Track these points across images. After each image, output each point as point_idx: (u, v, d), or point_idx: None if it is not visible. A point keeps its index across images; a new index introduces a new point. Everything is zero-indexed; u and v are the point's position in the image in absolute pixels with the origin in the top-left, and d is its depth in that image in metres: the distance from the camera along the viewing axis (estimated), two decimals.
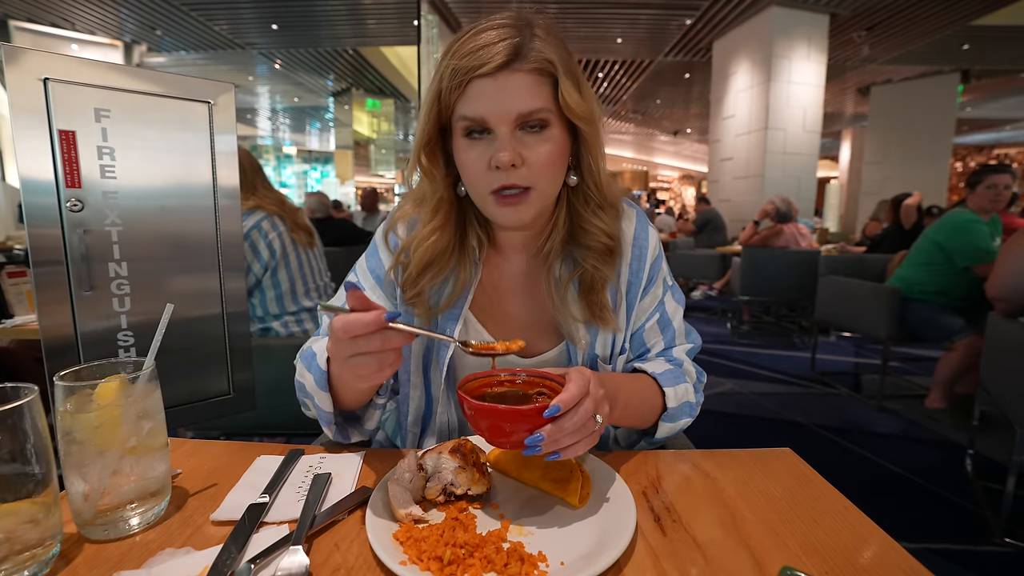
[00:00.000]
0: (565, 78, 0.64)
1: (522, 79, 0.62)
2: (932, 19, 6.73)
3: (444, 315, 0.75)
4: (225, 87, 0.71)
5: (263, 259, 1.75)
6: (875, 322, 2.87)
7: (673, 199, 21.93)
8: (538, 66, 0.62)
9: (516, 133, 0.63)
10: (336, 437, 0.71)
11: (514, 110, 0.62)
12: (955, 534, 1.73)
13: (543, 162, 0.64)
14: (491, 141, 0.64)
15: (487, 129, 0.63)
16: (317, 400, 0.66)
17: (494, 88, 0.62)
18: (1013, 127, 13.66)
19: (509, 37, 0.62)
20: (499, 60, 0.60)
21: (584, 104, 0.65)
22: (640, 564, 0.47)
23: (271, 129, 15.88)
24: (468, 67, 0.61)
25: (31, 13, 6.65)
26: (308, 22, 7.53)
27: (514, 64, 0.61)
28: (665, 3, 6.43)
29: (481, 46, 0.61)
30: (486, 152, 0.64)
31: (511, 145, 0.62)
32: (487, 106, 0.62)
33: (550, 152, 0.64)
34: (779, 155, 6.48)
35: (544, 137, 0.64)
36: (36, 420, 0.46)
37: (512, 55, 0.61)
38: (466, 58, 0.61)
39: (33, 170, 0.58)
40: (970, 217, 2.65)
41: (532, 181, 0.64)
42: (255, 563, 0.46)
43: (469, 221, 0.75)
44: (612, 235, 0.73)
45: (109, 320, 0.65)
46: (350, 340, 0.52)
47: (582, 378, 0.55)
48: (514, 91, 0.62)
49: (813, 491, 0.60)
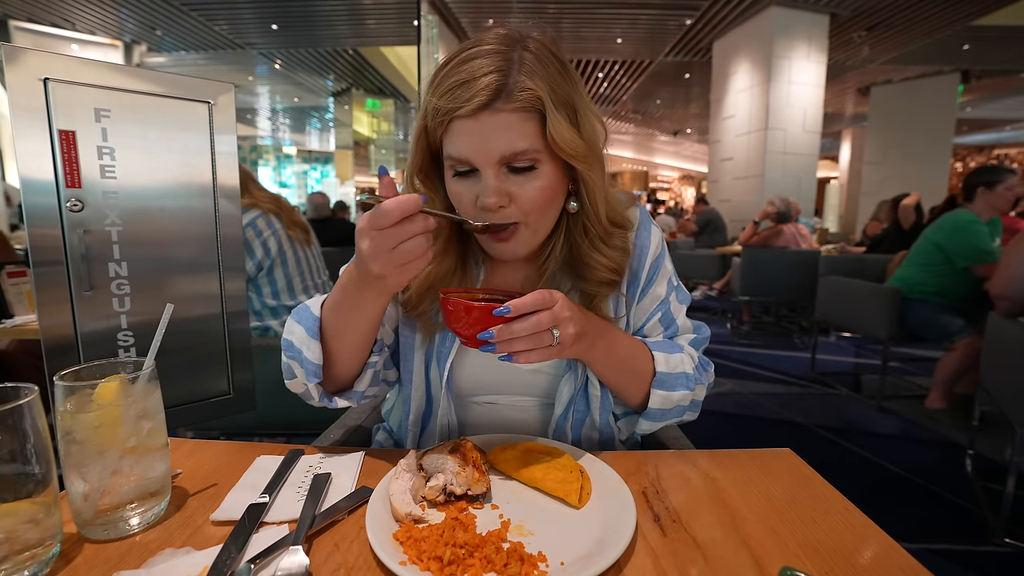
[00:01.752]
0: (556, 112, 0.59)
1: (505, 119, 0.58)
2: (932, 19, 6.73)
3: (443, 331, 0.75)
4: (225, 87, 0.71)
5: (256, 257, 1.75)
6: (875, 322, 2.87)
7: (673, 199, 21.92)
8: (522, 104, 0.58)
9: (502, 172, 0.61)
10: (321, 400, 0.69)
11: (496, 152, 0.59)
12: (955, 534, 1.73)
13: (532, 200, 0.62)
14: (478, 179, 0.62)
15: (473, 168, 0.61)
16: (305, 352, 0.65)
17: (476, 129, 0.59)
18: (1013, 127, 13.66)
19: (493, 70, 0.58)
20: (479, 100, 0.57)
21: (576, 140, 0.61)
22: (640, 564, 0.47)
23: (271, 129, 15.88)
24: (447, 108, 0.59)
25: (31, 13, 6.65)
26: (308, 22, 7.53)
27: (496, 104, 0.58)
28: (665, 3, 6.43)
29: (462, 82, 0.58)
30: (473, 189, 0.62)
31: (495, 187, 0.60)
32: (469, 147, 0.60)
33: (540, 190, 0.62)
34: (779, 155, 6.48)
35: (533, 176, 0.61)
36: (36, 420, 0.46)
37: (493, 94, 0.57)
38: (445, 97, 0.58)
39: (33, 170, 0.58)
40: (970, 218, 2.65)
41: (521, 218, 0.63)
42: (255, 563, 0.46)
43: (469, 245, 0.75)
44: (615, 269, 0.70)
45: (109, 320, 0.65)
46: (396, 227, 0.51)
47: (544, 292, 0.57)
48: (496, 132, 0.58)
49: (813, 491, 0.60)
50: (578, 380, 0.74)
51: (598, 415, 0.77)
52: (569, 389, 0.75)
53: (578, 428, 0.77)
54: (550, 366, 0.76)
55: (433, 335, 0.76)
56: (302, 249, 1.87)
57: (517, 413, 0.79)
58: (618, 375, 0.71)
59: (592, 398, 0.76)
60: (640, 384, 0.72)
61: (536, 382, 0.77)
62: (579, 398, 0.76)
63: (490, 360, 0.75)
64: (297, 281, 1.84)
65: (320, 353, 0.65)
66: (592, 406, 0.77)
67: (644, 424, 0.74)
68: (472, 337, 0.57)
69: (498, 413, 0.79)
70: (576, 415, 0.76)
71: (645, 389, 0.72)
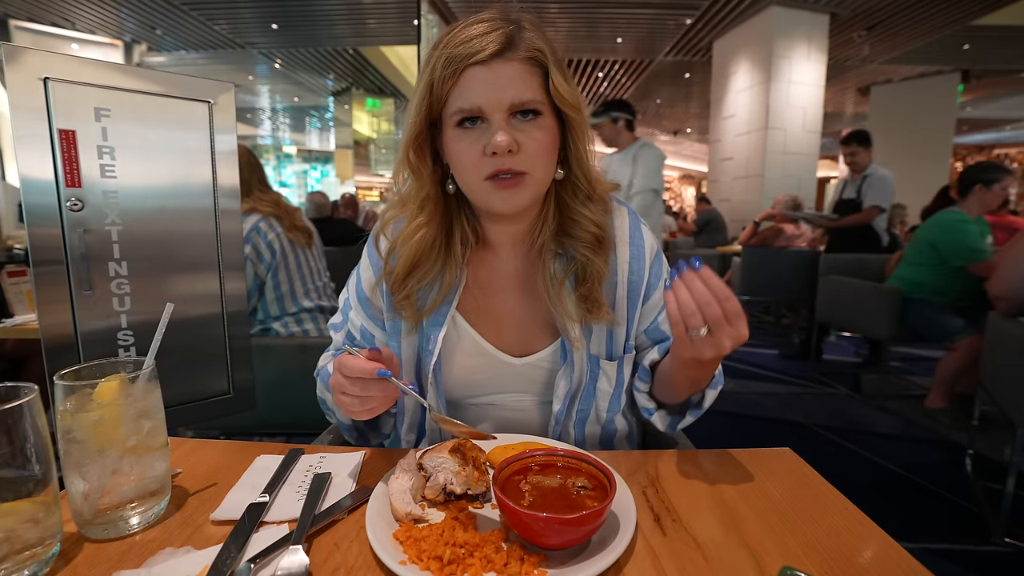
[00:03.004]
0: (555, 68, 0.66)
1: (515, 68, 0.64)
2: (932, 19, 6.72)
3: (430, 319, 0.75)
4: (225, 87, 0.71)
5: (266, 260, 1.75)
6: (875, 322, 2.87)
7: (673, 199, 21.91)
8: (530, 55, 0.64)
9: (510, 120, 0.64)
10: (356, 443, 0.80)
11: (508, 98, 0.63)
12: (955, 534, 1.73)
13: (538, 148, 0.65)
14: (484, 129, 0.64)
15: (481, 118, 0.64)
16: (337, 415, 0.77)
17: (489, 76, 0.63)
18: (1013, 127, 13.64)
19: (501, 28, 0.63)
20: (493, 48, 0.62)
21: (573, 92, 0.67)
22: (640, 564, 0.47)
23: (271, 129, 15.88)
24: (462, 55, 0.62)
25: (31, 13, 6.64)
26: (308, 22, 7.52)
27: (507, 53, 0.63)
28: (665, 3, 6.42)
29: (474, 36, 0.63)
30: (480, 140, 0.64)
31: (507, 131, 0.63)
32: (482, 94, 0.63)
33: (544, 139, 0.66)
34: (779, 155, 6.47)
35: (537, 124, 0.65)
36: (36, 420, 0.46)
37: (505, 44, 0.63)
38: (460, 47, 0.63)
39: (33, 169, 0.58)
40: (959, 217, 2.67)
41: (528, 167, 0.65)
42: (255, 563, 0.46)
43: (456, 218, 0.75)
44: (601, 225, 0.73)
45: (109, 320, 0.65)
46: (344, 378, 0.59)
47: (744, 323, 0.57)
48: (508, 79, 0.63)
49: (813, 491, 0.60)
50: (575, 374, 0.74)
51: (604, 412, 0.77)
52: (566, 383, 0.74)
53: (581, 426, 0.77)
54: (545, 360, 0.76)
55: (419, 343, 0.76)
56: (303, 252, 1.86)
57: (516, 414, 0.78)
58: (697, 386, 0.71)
59: (600, 394, 0.76)
60: (703, 386, 0.72)
61: (531, 377, 0.77)
62: (582, 394, 0.76)
63: (475, 358, 0.76)
64: (299, 285, 1.83)
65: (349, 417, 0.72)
66: (600, 403, 0.77)
67: (689, 419, 0.74)
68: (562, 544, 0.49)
69: (496, 415, 0.79)
70: (579, 413, 0.76)
71: (703, 388, 0.73)
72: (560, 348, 0.75)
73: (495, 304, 0.77)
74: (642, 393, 0.76)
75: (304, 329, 1.82)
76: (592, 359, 0.75)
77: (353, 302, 0.81)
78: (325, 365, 0.81)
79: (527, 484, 0.55)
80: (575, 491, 0.54)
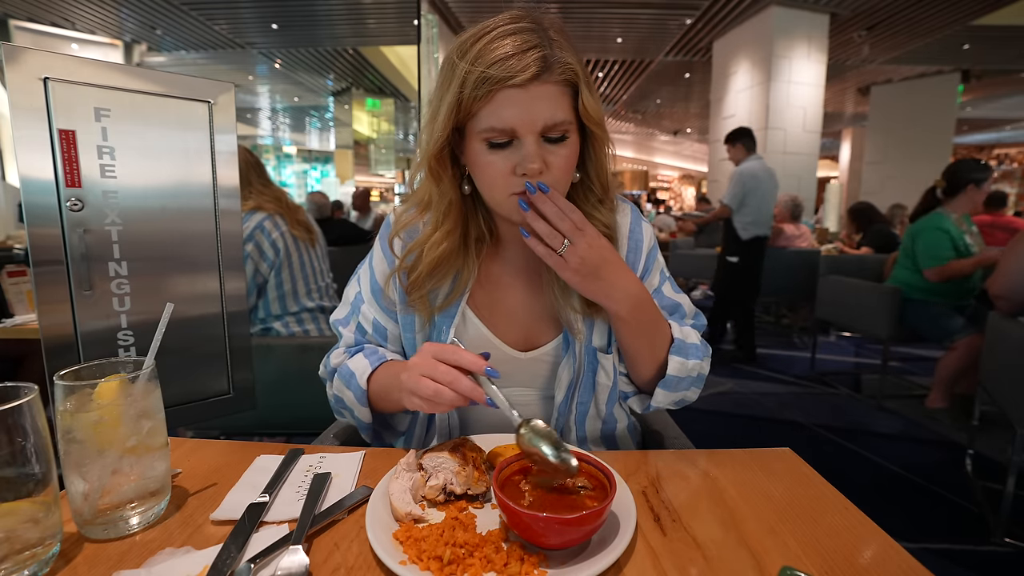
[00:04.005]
0: (584, 86, 0.65)
1: (549, 90, 0.63)
2: (932, 19, 6.72)
3: (441, 314, 0.76)
4: (225, 87, 0.71)
5: (269, 258, 1.74)
6: (875, 322, 2.87)
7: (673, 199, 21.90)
8: (564, 77, 0.63)
9: (539, 141, 0.64)
10: (372, 442, 0.82)
11: (541, 121, 0.62)
12: (955, 534, 1.74)
13: (564, 166, 0.66)
14: (515, 148, 0.64)
15: (512, 138, 0.64)
16: (357, 413, 0.76)
17: (525, 99, 0.62)
18: (1013, 127, 13.65)
19: (536, 46, 0.61)
20: (532, 72, 0.60)
21: (599, 108, 0.67)
22: (640, 564, 0.47)
23: (271, 129, 15.87)
24: (499, 77, 0.60)
25: (31, 12, 6.64)
26: (308, 22, 7.52)
27: (544, 75, 0.62)
28: (665, 3, 6.42)
29: (510, 55, 0.60)
30: (510, 158, 0.64)
31: (538, 154, 0.63)
32: (516, 117, 0.62)
33: (568, 157, 0.67)
34: (779, 155, 6.47)
35: (564, 145, 0.66)
36: (36, 419, 0.46)
37: (543, 67, 0.61)
38: (494, 67, 0.60)
39: (33, 169, 0.58)
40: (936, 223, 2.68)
41: (553, 184, 0.66)
42: (255, 563, 0.46)
43: (472, 217, 0.76)
44: (609, 225, 0.74)
45: (109, 320, 0.65)
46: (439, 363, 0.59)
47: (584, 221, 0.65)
48: (542, 102, 0.62)
49: (813, 491, 0.60)
50: (577, 365, 0.75)
51: (604, 405, 0.78)
52: (568, 374, 0.75)
53: (582, 420, 0.78)
54: (549, 353, 0.77)
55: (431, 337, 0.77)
56: (307, 250, 1.84)
57: (519, 408, 0.78)
58: (642, 338, 0.72)
59: (600, 387, 0.77)
60: (659, 350, 0.73)
61: (535, 371, 0.78)
62: (583, 388, 0.76)
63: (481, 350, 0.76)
64: (301, 284, 1.82)
65: (370, 415, 0.76)
66: (599, 396, 0.78)
67: (659, 395, 0.74)
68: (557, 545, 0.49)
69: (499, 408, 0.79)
70: (580, 407, 0.77)
71: (663, 356, 0.73)
72: (563, 342, 0.76)
73: (504, 298, 0.78)
74: (621, 376, 0.79)
75: (305, 329, 1.81)
76: (591, 351, 0.76)
77: (366, 296, 0.82)
78: (343, 363, 0.79)
79: (527, 484, 0.55)
80: (575, 491, 0.54)
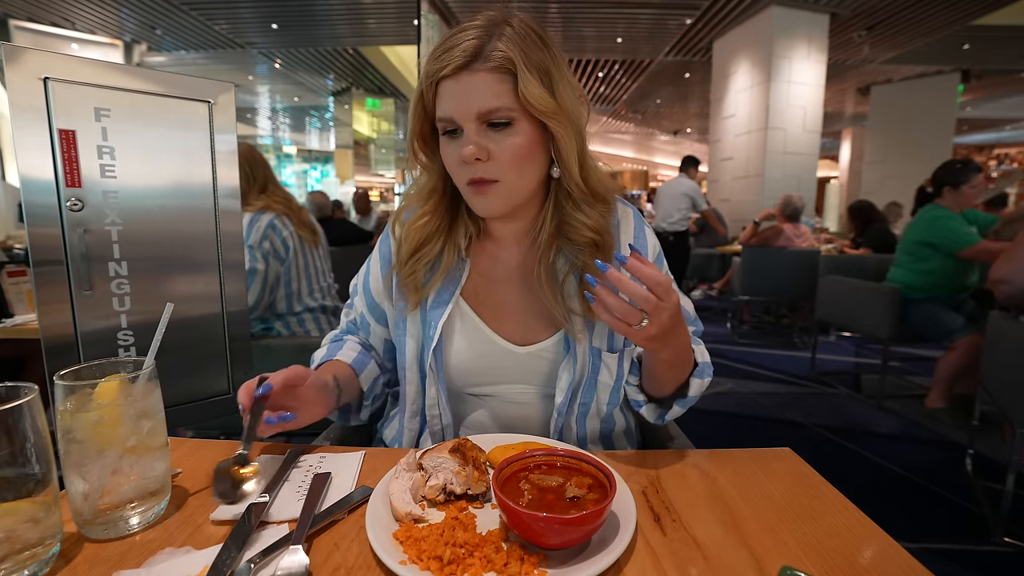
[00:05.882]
0: (527, 74, 0.64)
1: (482, 78, 0.64)
2: (932, 19, 6.72)
3: (432, 303, 0.77)
4: (225, 86, 0.71)
5: (281, 256, 1.75)
6: (875, 322, 2.87)
7: None
8: (496, 64, 0.64)
9: (483, 129, 0.66)
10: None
11: (474, 108, 0.65)
12: (955, 534, 1.73)
13: (508, 157, 0.66)
14: (461, 138, 0.67)
15: (458, 128, 0.67)
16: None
17: (456, 88, 0.65)
18: (1013, 127, 13.64)
19: (474, 38, 0.64)
20: (457, 62, 0.64)
21: (546, 98, 0.65)
22: (640, 564, 0.47)
23: (271, 129, 15.87)
24: (434, 70, 0.65)
25: (31, 12, 6.64)
26: (308, 22, 7.52)
27: (473, 64, 0.64)
28: (665, 3, 6.42)
29: (446, 49, 0.65)
30: (458, 148, 0.67)
31: (475, 140, 0.65)
32: (452, 105, 0.66)
33: (515, 147, 0.66)
34: (779, 155, 6.47)
35: (509, 133, 0.66)
36: (36, 420, 0.46)
37: (471, 56, 0.64)
38: (434, 62, 0.66)
39: (33, 169, 0.58)
40: (941, 213, 2.69)
41: (498, 174, 0.67)
42: (255, 563, 0.46)
43: (460, 213, 0.78)
44: (596, 229, 0.72)
45: (109, 320, 0.65)
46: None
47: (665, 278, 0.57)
48: (473, 90, 0.64)
49: (813, 491, 0.60)
50: (577, 366, 0.74)
51: (605, 406, 0.78)
52: (568, 375, 0.74)
53: (583, 419, 0.78)
54: (547, 350, 0.76)
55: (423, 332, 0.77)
56: (311, 251, 1.86)
57: (517, 407, 0.79)
58: (675, 371, 0.71)
59: (601, 387, 0.77)
60: (684, 375, 0.72)
61: (533, 367, 0.77)
62: (584, 388, 0.76)
63: (478, 345, 0.77)
64: (304, 284, 1.83)
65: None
66: (600, 397, 0.77)
67: (676, 410, 0.74)
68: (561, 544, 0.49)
69: (497, 406, 0.79)
70: (581, 407, 0.77)
71: (685, 379, 0.73)
72: (563, 340, 0.76)
73: (498, 293, 0.78)
74: (632, 386, 0.78)
75: (305, 329, 1.82)
76: (594, 351, 0.75)
77: (359, 289, 0.87)
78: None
79: (527, 484, 0.55)
80: (575, 491, 0.54)
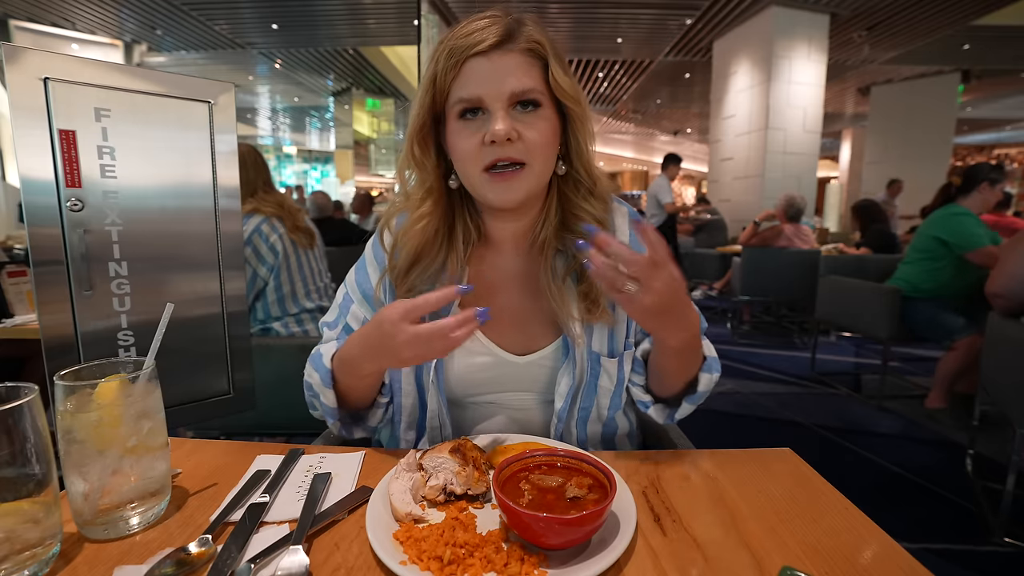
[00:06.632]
0: (554, 60, 0.67)
1: (515, 59, 0.65)
2: (932, 19, 6.72)
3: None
4: (225, 87, 0.71)
5: (267, 262, 1.75)
6: (875, 322, 2.87)
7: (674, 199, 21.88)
8: (529, 47, 0.66)
9: (510, 111, 0.65)
10: (340, 432, 0.77)
11: (508, 88, 0.64)
12: (955, 534, 1.73)
13: (538, 139, 0.66)
14: (485, 120, 0.66)
15: (482, 109, 0.66)
16: (323, 397, 0.72)
17: (489, 67, 0.65)
18: (1013, 127, 13.65)
19: (502, 22, 0.66)
20: (493, 39, 0.64)
21: (573, 85, 0.68)
22: (640, 564, 0.47)
23: (271, 129, 15.87)
24: (464, 46, 0.64)
25: (31, 13, 6.64)
26: (308, 22, 7.52)
27: (507, 44, 0.65)
28: (665, 3, 6.42)
29: (475, 29, 0.65)
30: (480, 129, 0.66)
31: (507, 120, 0.64)
32: (482, 85, 0.64)
33: (544, 130, 0.67)
34: (779, 155, 6.47)
35: (538, 116, 0.66)
36: (36, 420, 0.46)
37: (505, 35, 0.65)
38: (461, 40, 0.65)
39: (33, 169, 0.58)
40: (960, 210, 2.70)
41: (527, 157, 0.66)
42: (255, 563, 0.46)
43: (458, 214, 0.76)
44: (603, 220, 0.74)
45: (109, 320, 0.65)
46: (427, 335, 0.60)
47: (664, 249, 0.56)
48: (508, 70, 0.65)
49: (813, 491, 0.60)
50: (576, 371, 0.74)
51: (606, 409, 0.77)
52: (568, 381, 0.74)
53: (583, 424, 0.77)
54: (547, 358, 0.76)
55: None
56: (305, 253, 1.86)
57: (518, 413, 0.78)
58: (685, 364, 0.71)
59: (602, 391, 0.76)
60: (693, 370, 0.72)
61: (534, 375, 0.77)
62: (584, 393, 0.76)
63: (478, 356, 0.76)
64: (300, 286, 1.83)
65: (335, 399, 0.72)
66: (600, 401, 0.77)
67: (686, 407, 0.74)
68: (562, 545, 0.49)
69: (499, 414, 0.78)
70: (581, 412, 0.76)
71: (694, 375, 0.73)
72: (562, 346, 0.75)
73: (497, 302, 0.77)
74: (637, 387, 0.77)
75: (304, 329, 1.82)
76: (593, 356, 0.75)
77: (356, 296, 0.80)
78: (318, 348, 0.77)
79: (527, 484, 0.55)
80: (575, 491, 0.54)
